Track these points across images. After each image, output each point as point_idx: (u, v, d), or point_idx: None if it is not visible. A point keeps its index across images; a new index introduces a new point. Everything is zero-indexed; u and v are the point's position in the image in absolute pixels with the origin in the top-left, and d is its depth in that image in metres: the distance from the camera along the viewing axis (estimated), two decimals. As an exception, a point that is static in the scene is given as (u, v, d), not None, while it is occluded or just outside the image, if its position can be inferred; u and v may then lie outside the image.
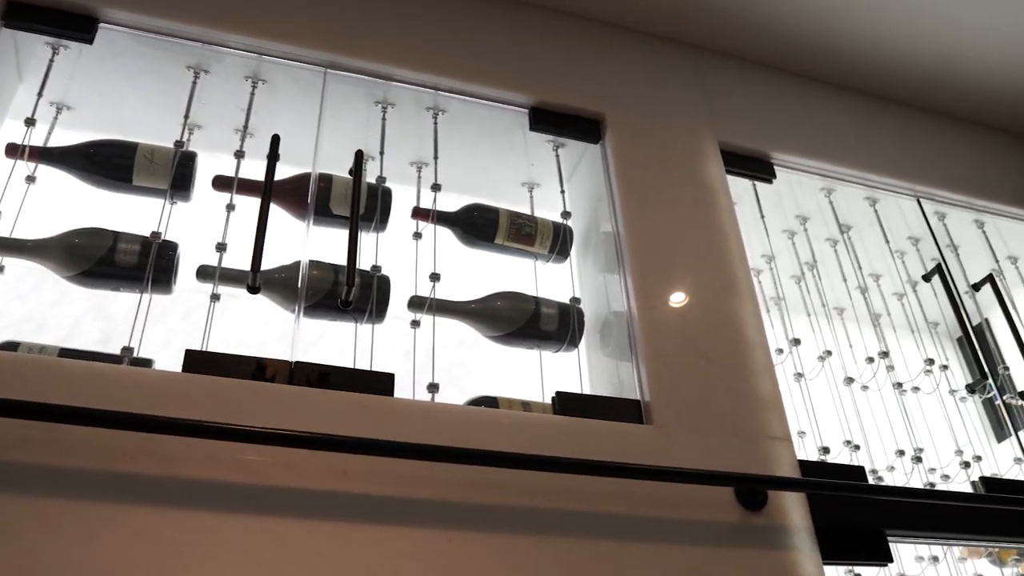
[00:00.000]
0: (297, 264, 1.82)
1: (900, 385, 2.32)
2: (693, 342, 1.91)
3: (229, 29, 2.02)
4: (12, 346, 1.57)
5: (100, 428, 1.35)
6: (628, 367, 1.93)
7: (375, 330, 1.86)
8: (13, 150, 1.84)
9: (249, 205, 1.84)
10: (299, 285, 1.77)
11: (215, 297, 1.79)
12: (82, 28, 1.93)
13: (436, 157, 2.12)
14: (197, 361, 1.54)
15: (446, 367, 1.89)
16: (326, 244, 1.93)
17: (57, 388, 1.39)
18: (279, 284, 1.79)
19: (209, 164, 2.01)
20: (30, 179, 1.86)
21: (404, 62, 2.11)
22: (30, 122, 1.88)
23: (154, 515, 1.34)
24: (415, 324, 1.89)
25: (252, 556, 1.34)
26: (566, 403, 1.75)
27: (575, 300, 2.03)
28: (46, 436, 1.34)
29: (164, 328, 1.90)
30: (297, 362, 1.58)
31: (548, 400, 1.82)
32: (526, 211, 2.20)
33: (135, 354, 1.61)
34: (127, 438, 1.37)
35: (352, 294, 1.71)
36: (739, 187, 2.37)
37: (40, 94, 1.94)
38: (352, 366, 1.70)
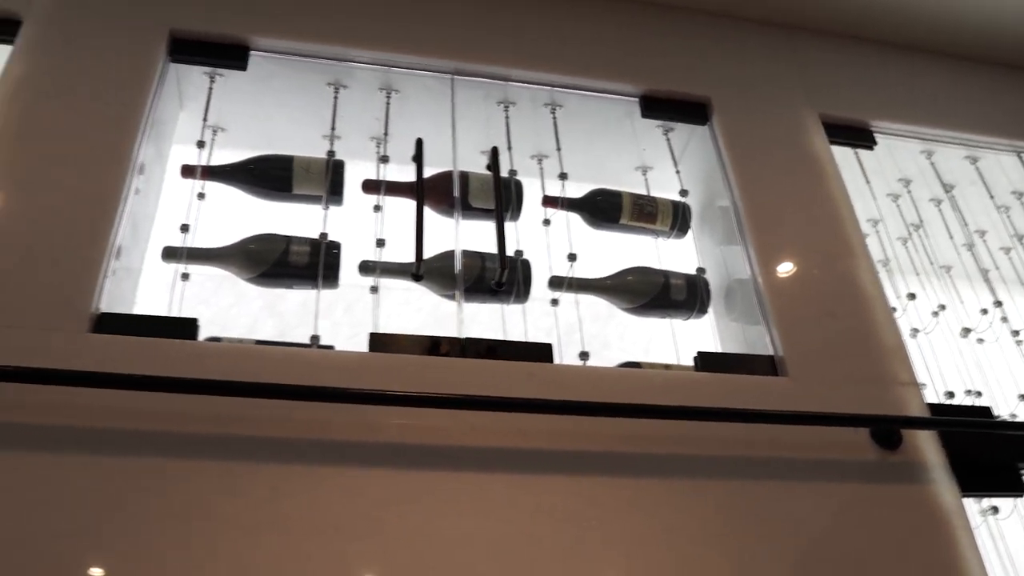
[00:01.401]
0: (448, 254, 2.00)
1: (1017, 333, 2.40)
2: (817, 301, 2.04)
3: (363, 46, 2.21)
4: (215, 339, 1.77)
5: (307, 402, 1.55)
6: (754, 329, 2.07)
7: (519, 308, 2.04)
8: (188, 171, 2.05)
9: (364, 204, 2.04)
10: (456, 272, 1.95)
11: (374, 289, 1.98)
12: (237, 57, 2.14)
13: (559, 148, 2.28)
14: (380, 342, 1.73)
15: (585, 340, 2.04)
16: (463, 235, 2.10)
17: (263, 371, 1.59)
18: (435, 272, 1.97)
19: (350, 170, 2.20)
20: (200, 196, 2.07)
21: (522, 63, 2.28)
22: (201, 144, 2.10)
23: (360, 476, 1.54)
24: (555, 303, 2.06)
25: (449, 506, 1.53)
26: (707, 361, 1.90)
27: (701, 270, 2.18)
28: (259, 413, 1.54)
29: (330, 321, 2.09)
30: (468, 338, 1.76)
31: (684, 364, 1.97)
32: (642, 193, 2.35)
33: (319, 342, 1.80)
34: (331, 411, 1.57)
35: (504, 276, 1.88)
36: (841, 156, 2.48)
37: (205, 119, 2.15)
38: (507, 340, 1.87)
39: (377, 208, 2.08)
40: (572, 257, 2.06)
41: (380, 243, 1.98)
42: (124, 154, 1.88)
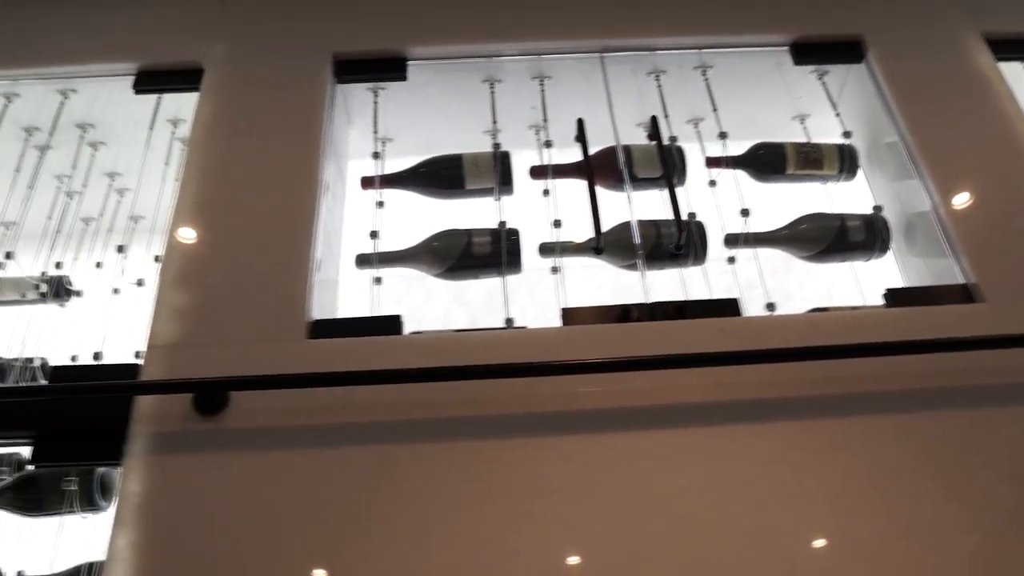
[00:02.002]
0: (623, 226, 2.06)
1: None
2: (1004, 223, 1.99)
3: (512, 40, 2.30)
4: (418, 333, 1.90)
5: (513, 379, 1.64)
6: (938, 262, 2.04)
7: (698, 270, 2.08)
8: (368, 182, 2.19)
9: (532, 190, 2.11)
10: (635, 241, 2.01)
11: (555, 269, 2.06)
12: (396, 69, 2.27)
13: (715, 108, 2.30)
14: (572, 316, 1.81)
15: (762, 295, 2.06)
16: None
17: (468, 356, 1.70)
18: (613, 245, 2.04)
19: (516, 159, 2.29)
20: (380, 204, 2.20)
21: (669, 31, 2.31)
22: (376, 156, 2.23)
23: (570, 443, 1.63)
24: (732, 260, 2.09)
25: (658, 463, 1.60)
26: (898, 297, 1.89)
27: (878, 208, 2.16)
28: (469, 394, 1.65)
29: (517, 304, 2.19)
30: (655, 302, 1.82)
31: (872, 304, 1.97)
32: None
33: (513, 324, 1.90)
34: (536, 384, 1.66)
35: (682, 238, 1.92)
36: (1010, 72, 2.39)
37: (376, 132, 2.29)
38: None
39: (546, 192, 2.17)
40: (745, 213, 2.09)
41: (557, 224, 2.06)
42: (311, 176, 2.03)
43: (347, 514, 1.59)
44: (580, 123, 2.11)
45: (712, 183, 2.20)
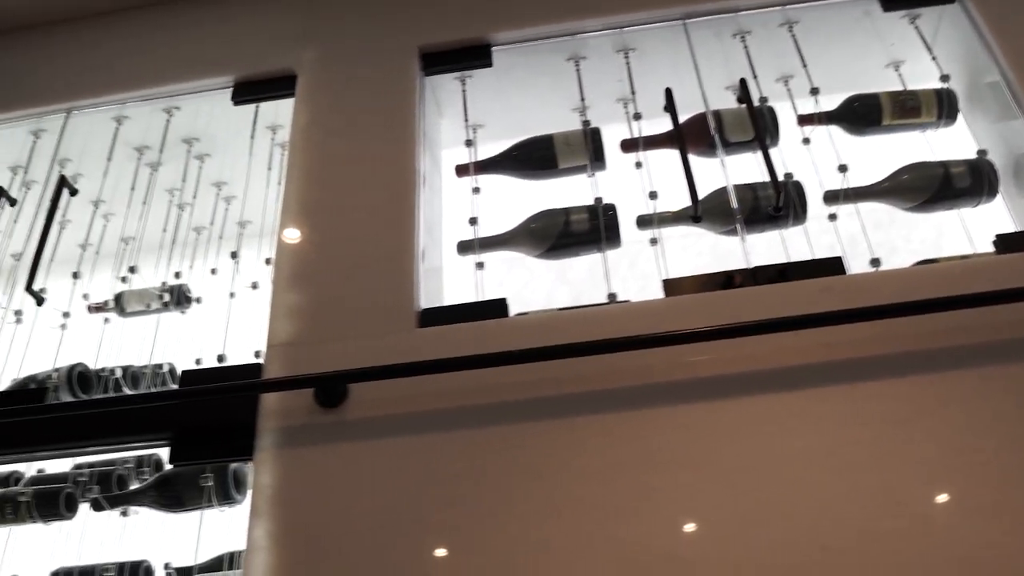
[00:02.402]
0: (719, 192, 2.06)
1: None
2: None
3: (594, 15, 2.31)
4: (523, 315, 1.94)
5: (621, 353, 1.67)
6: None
7: (798, 230, 2.06)
8: (462, 170, 2.23)
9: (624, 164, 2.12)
10: (732, 206, 2.00)
11: (654, 241, 2.07)
12: (482, 56, 2.31)
13: (804, 64, 2.26)
14: (674, 287, 1.83)
15: (866, 251, 2.03)
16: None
17: (575, 333, 1.73)
18: (711, 212, 2.04)
19: (606, 134, 2.29)
20: (476, 190, 2.24)
21: (751, -12, 2.29)
22: (468, 143, 2.27)
23: (683, 412, 1.65)
24: (832, 217, 2.07)
25: (773, 427, 1.60)
26: (1009, 242, 1.83)
27: (982, 152, 2.10)
28: (580, 371, 1.69)
29: (617, 278, 2.21)
30: (757, 266, 1.82)
31: (982, 252, 1.92)
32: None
33: (616, 299, 1.92)
34: (644, 356, 1.68)
35: (781, 199, 1.91)
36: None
37: (467, 120, 2.33)
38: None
39: (639, 164, 2.18)
40: (843, 168, 2.06)
41: (652, 195, 2.07)
42: (408, 168, 2.09)
43: (468, 494, 1.64)
44: (668, 92, 2.11)
45: (806, 141, 2.18)
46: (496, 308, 1.88)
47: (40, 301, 2.34)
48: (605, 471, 1.60)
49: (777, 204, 1.93)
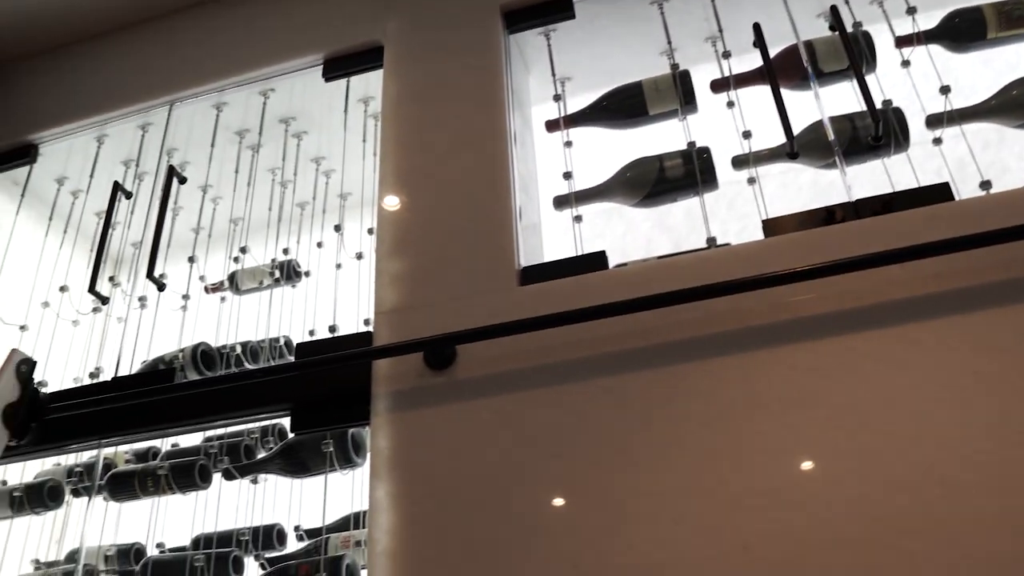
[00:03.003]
0: (815, 125, 2.01)
1: None
2: None
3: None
4: (622, 265, 1.94)
5: (723, 297, 1.66)
6: None
7: (901, 159, 1.99)
8: (553, 124, 2.24)
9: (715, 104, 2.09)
10: (830, 139, 1.95)
11: (751, 181, 2.04)
12: (564, 9, 2.30)
13: (900, -16, 2.17)
14: (773, 226, 1.80)
15: (975, 174, 1.95)
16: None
17: (676, 280, 1.72)
18: (808, 146, 1.99)
19: (695, 76, 2.26)
20: (568, 144, 2.24)
21: (837, -88, 2.20)
22: (557, 98, 2.27)
23: (788, 352, 1.63)
24: (937, 142, 1.99)
25: (882, 363, 1.56)
26: None
27: (1097, 59, 1.99)
28: (682, 318, 1.68)
29: (717, 221, 2.19)
30: (859, 199, 1.77)
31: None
32: None
33: (716, 243, 1.90)
34: (745, 300, 1.66)
35: (879, 128, 1.85)
36: None
37: (554, 74, 2.33)
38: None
39: (731, 104, 2.14)
40: (945, 90, 1.98)
41: (746, 135, 2.03)
42: (500, 128, 2.11)
43: (580, 446, 1.67)
44: (757, 27, 2.06)
45: (905, 63, 2.09)
46: (596, 261, 1.89)
47: (161, 287, 2.46)
48: (712, 416, 1.60)
49: (876, 133, 1.87)
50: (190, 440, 2.51)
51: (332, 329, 2.25)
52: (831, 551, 1.43)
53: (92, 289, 2.51)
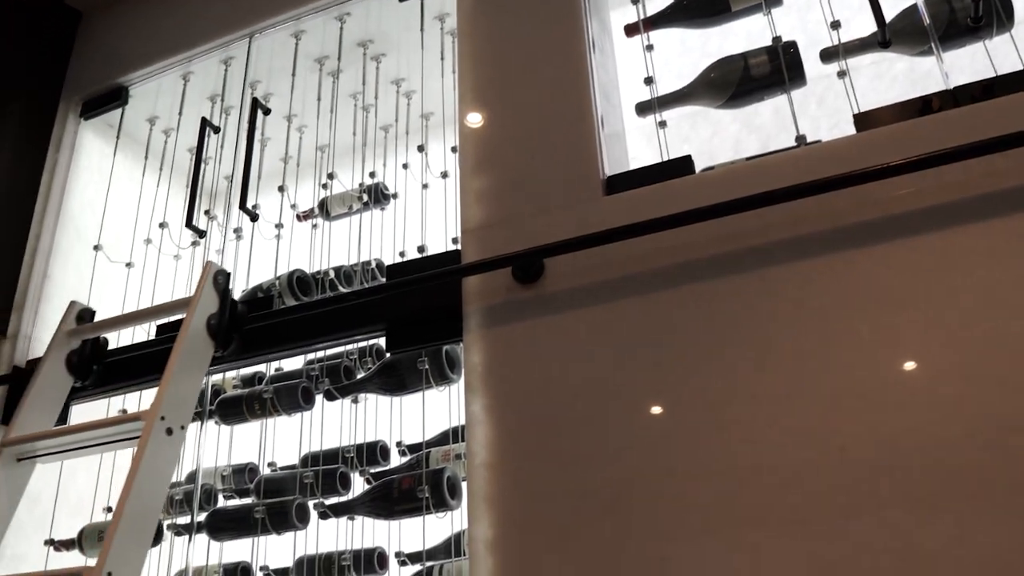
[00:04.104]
0: (909, 10, 1.91)
1: None
2: None
3: None
4: (709, 169, 1.90)
5: (815, 196, 1.61)
6: None
7: (1003, 39, 1.88)
8: (632, 29, 2.18)
9: None
10: (925, 23, 1.86)
11: (841, 74, 1.96)
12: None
13: None
14: (866, 120, 1.73)
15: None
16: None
17: (765, 182, 1.67)
18: (901, 33, 1.90)
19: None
20: (649, 47, 2.18)
21: None
22: (635, 1, 2.21)
23: (885, 250, 1.57)
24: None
25: (985, 257, 1.50)
26: None
27: None
28: (771, 220, 1.65)
29: (807, 118, 2.12)
30: (957, 87, 1.69)
31: None
32: None
33: (806, 141, 1.84)
34: (838, 198, 1.61)
35: (980, 8, 1.75)
36: None
37: (629, -25, 2.26)
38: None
39: (821, -9, 2.04)
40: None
41: (835, 25, 1.94)
42: (577, 36, 2.07)
43: (671, 353, 1.66)
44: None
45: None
46: (681, 166, 1.86)
47: (254, 217, 2.52)
48: (806, 319, 1.57)
49: (976, 13, 1.77)
50: (293, 364, 2.59)
51: (421, 249, 2.27)
52: (931, 452, 1.41)
53: (189, 224, 2.59)
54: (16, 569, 2.35)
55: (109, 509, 2.53)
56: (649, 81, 2.07)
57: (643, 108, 2.07)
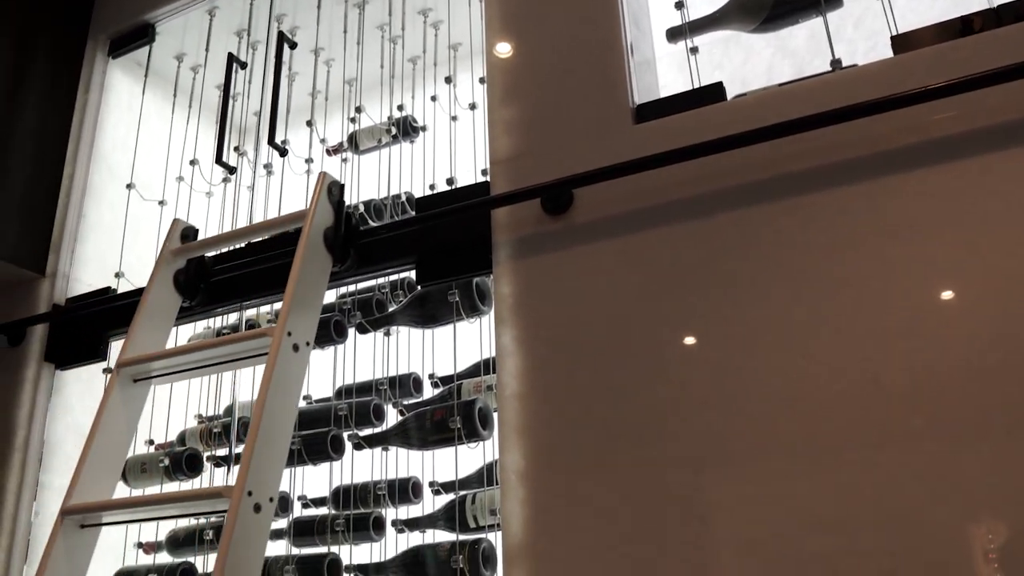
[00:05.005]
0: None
1: None
2: None
3: None
4: (742, 96, 1.86)
5: (846, 123, 1.57)
6: None
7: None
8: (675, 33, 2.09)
9: None
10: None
11: (879, -6, 1.90)
12: None
13: None
14: (903, 42, 1.68)
15: None
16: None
17: (799, 108, 1.64)
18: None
19: None
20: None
21: None
22: (679, 6, 2.11)
23: (928, 174, 1.54)
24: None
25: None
26: None
27: None
28: (804, 147, 1.61)
29: (843, 41, 2.06)
30: (1000, 4, 1.63)
31: None
32: None
33: (842, 65, 1.79)
34: (872, 124, 1.57)
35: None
36: None
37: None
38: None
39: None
40: None
41: (871, -56, 1.88)
42: (606, -40, 2.01)
43: (704, 283, 1.65)
44: None
45: None
46: (713, 93, 1.82)
47: (283, 152, 2.51)
48: (841, 247, 1.55)
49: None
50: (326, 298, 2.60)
51: (450, 182, 2.26)
52: (968, 382, 1.39)
53: (219, 160, 2.59)
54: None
55: (151, 442, 2.58)
56: (680, 5, 2.02)
57: (674, 34, 2.02)
